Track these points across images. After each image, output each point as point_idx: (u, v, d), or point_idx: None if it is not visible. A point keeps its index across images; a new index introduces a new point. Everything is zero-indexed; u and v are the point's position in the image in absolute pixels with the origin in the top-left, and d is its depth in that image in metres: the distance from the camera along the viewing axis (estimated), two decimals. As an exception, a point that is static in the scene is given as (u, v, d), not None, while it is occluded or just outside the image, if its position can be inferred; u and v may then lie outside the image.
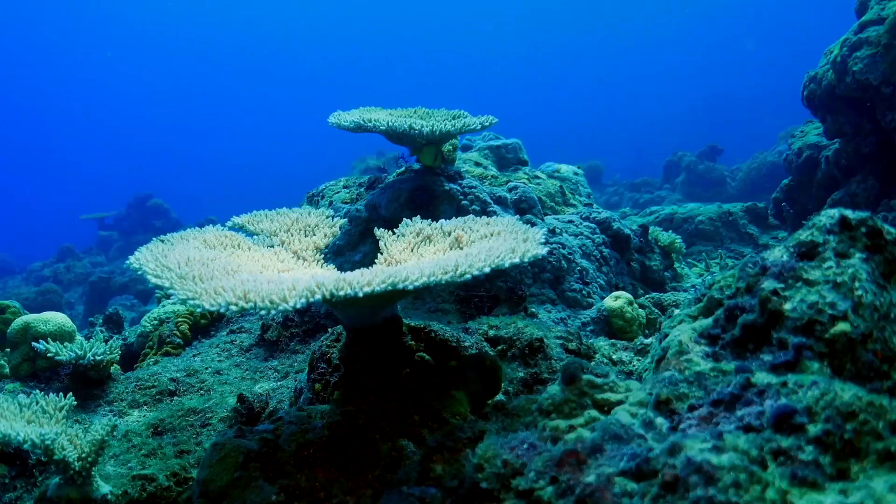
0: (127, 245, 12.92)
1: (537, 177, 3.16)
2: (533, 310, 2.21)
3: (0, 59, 49.98)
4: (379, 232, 1.70)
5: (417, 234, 1.67)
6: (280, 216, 1.79)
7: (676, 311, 1.50)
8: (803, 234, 1.34)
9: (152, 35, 53.35)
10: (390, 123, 2.18)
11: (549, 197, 3.01)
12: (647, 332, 2.26)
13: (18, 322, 2.39)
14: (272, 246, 1.68)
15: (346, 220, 1.72)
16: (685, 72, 47.17)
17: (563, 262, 2.38)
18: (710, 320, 1.36)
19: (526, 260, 1.31)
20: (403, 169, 2.65)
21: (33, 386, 2.26)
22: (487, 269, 1.25)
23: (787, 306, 1.25)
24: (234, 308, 1.22)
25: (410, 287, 1.22)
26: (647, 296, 2.54)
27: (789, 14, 43.87)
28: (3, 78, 51.34)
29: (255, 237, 1.71)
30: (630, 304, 2.21)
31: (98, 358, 2.18)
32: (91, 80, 54.83)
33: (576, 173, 3.47)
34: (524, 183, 2.74)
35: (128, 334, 3.45)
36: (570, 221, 2.71)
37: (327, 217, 1.78)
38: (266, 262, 1.53)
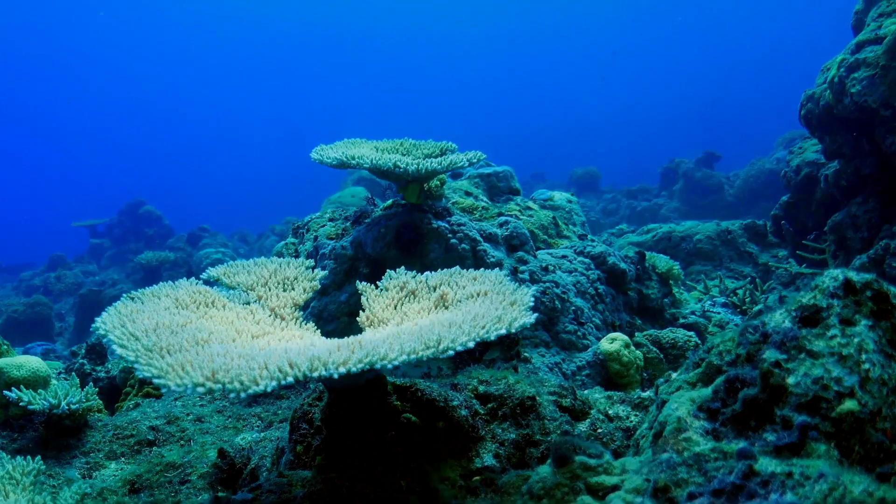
0: (119, 253, 12.74)
1: (529, 207, 3.07)
2: (526, 354, 2.13)
3: (-8, 67, 49.98)
4: (361, 286, 1.62)
5: (401, 289, 1.60)
6: (258, 267, 1.72)
7: (674, 375, 1.42)
8: (805, 297, 1.27)
9: (144, 41, 53.34)
10: (374, 161, 2.10)
11: (541, 230, 2.92)
12: (645, 374, 2.19)
13: (-8, 367, 2.30)
14: (248, 302, 1.60)
15: (326, 272, 1.64)
16: (682, 77, 47.31)
17: (556, 301, 2.30)
18: (709, 391, 1.29)
19: (513, 330, 1.24)
20: (390, 203, 2.56)
21: (6, 435, 2.18)
22: (471, 344, 1.18)
23: (791, 380, 1.18)
24: (200, 390, 1.15)
25: (389, 366, 1.14)
26: (644, 333, 2.45)
27: (786, 18, 43.99)
28: (-4, 84, 51.29)
29: (231, 292, 1.64)
30: (627, 346, 2.14)
31: (73, 407, 2.10)
32: (84, 86, 54.78)
33: (569, 201, 3.39)
34: (515, 216, 2.65)
35: (111, 366, 3.36)
36: (564, 256, 2.62)
37: (307, 268, 1.70)
38: (240, 326, 1.46)
